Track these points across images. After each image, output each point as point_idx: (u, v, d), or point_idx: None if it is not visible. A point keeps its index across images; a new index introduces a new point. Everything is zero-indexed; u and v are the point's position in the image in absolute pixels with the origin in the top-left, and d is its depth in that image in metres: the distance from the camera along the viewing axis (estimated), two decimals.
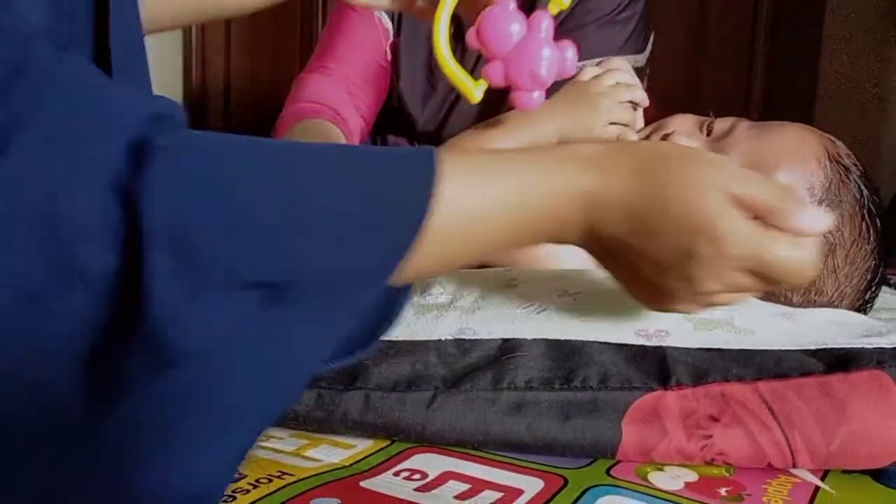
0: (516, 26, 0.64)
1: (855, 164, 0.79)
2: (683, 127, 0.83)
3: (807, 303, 0.77)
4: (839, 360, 0.61)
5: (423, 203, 0.44)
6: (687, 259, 0.51)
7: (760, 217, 0.51)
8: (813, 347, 0.62)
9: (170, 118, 0.39)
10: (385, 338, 0.68)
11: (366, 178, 0.43)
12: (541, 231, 0.51)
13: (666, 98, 0.86)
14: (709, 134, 0.82)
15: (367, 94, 1.14)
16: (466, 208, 0.46)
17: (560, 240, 0.53)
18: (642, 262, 0.52)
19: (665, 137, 0.82)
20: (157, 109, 0.39)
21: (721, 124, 0.82)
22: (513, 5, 0.65)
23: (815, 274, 0.55)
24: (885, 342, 0.61)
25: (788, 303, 0.77)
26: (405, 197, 0.44)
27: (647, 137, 0.83)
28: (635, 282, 0.56)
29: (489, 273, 0.74)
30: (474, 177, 0.47)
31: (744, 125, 0.81)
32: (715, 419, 0.58)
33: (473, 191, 0.47)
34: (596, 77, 0.81)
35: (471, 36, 0.65)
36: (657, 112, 0.87)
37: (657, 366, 0.61)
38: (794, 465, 0.58)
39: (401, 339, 0.69)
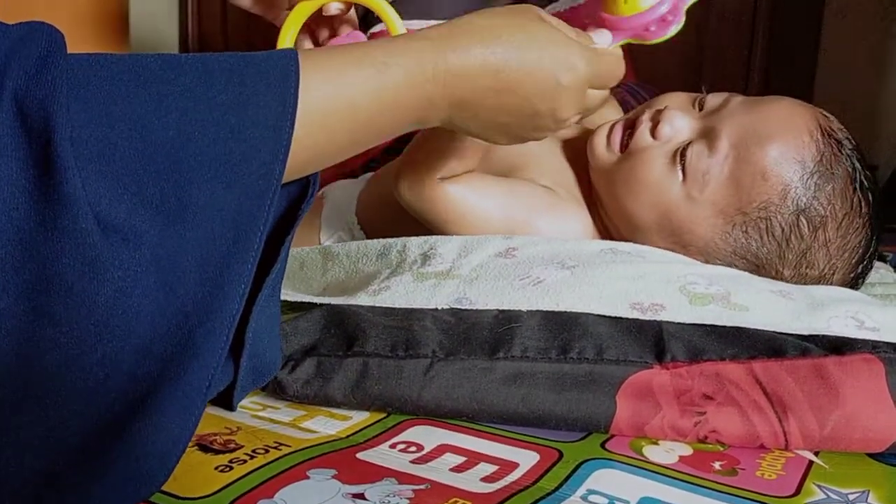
0: None
1: (848, 139, 0.78)
2: (675, 103, 0.82)
3: (798, 276, 0.77)
4: (833, 344, 0.61)
5: (290, 94, 0.49)
6: (555, 91, 0.60)
7: None
8: (807, 333, 0.62)
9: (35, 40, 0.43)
10: (383, 304, 0.69)
11: (230, 87, 0.48)
12: (409, 113, 0.56)
13: (666, 76, 0.85)
14: (700, 109, 0.82)
15: None
16: (329, 97, 0.52)
17: (428, 119, 0.58)
18: (509, 112, 0.60)
19: (657, 114, 0.81)
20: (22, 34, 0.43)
21: (713, 100, 0.82)
22: (364, 39, 0.70)
23: (622, 66, 0.67)
24: (881, 337, 0.61)
25: (780, 277, 0.77)
26: (272, 94, 0.49)
27: (639, 116, 0.82)
28: (499, 132, 0.63)
29: (488, 242, 0.74)
30: (331, 68, 0.53)
31: (736, 100, 0.80)
32: (709, 398, 0.59)
33: (333, 78, 0.52)
34: None
35: None
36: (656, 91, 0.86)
37: (653, 340, 0.61)
38: (787, 448, 0.59)
39: (398, 306, 0.69)
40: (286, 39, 0.71)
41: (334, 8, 0.71)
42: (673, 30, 0.70)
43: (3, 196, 0.41)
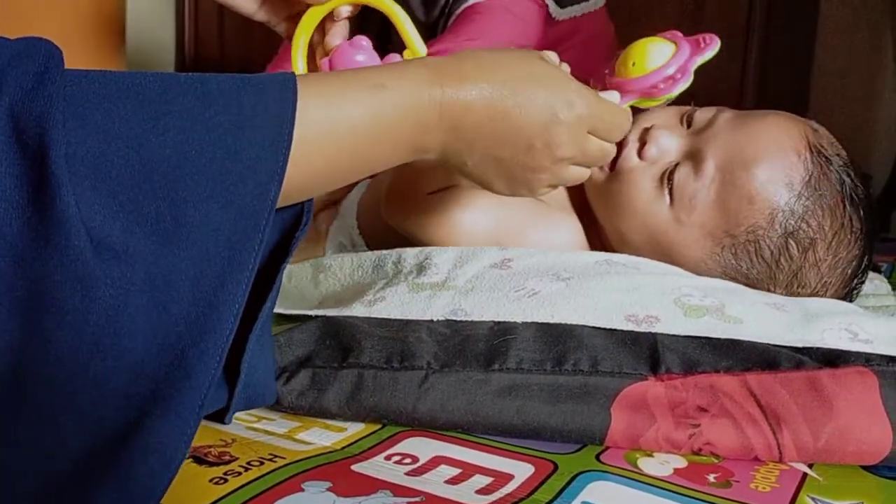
0: (363, 60, 0.69)
1: (838, 154, 0.77)
2: (663, 120, 0.81)
3: (790, 294, 0.76)
4: (827, 356, 0.61)
5: (288, 116, 0.49)
6: (551, 125, 0.59)
7: None
8: (800, 345, 0.62)
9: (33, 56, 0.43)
10: (378, 315, 0.69)
11: (229, 107, 0.48)
12: (406, 137, 0.56)
13: None
14: (689, 125, 0.81)
15: None
16: (326, 119, 0.52)
17: (425, 146, 0.58)
18: (503, 143, 0.59)
19: (645, 132, 0.80)
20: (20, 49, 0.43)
21: (702, 115, 0.81)
22: (366, 42, 0.70)
23: (629, 121, 0.67)
24: (874, 349, 0.61)
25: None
26: (269, 115, 0.49)
27: (627, 134, 0.81)
28: (496, 172, 0.62)
29: (483, 253, 0.74)
30: (329, 91, 0.53)
31: (725, 116, 0.79)
32: (703, 410, 0.59)
33: (330, 100, 0.53)
34: None
35: (323, 65, 0.70)
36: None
37: (648, 352, 0.62)
38: (781, 460, 0.59)
39: (394, 317, 0.69)
40: (298, 44, 0.72)
41: (345, 11, 0.71)
42: (680, 87, 0.70)
43: None
